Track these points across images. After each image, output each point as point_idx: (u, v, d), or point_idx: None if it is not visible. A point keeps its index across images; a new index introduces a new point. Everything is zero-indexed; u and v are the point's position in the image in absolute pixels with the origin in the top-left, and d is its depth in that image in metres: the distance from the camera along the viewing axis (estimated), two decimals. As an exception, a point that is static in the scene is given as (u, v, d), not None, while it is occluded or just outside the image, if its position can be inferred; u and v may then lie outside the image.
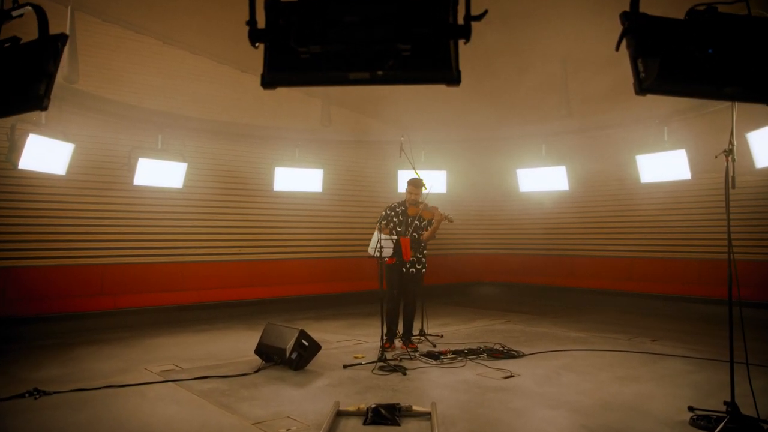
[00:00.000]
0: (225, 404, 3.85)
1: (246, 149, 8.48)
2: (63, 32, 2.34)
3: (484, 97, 7.65)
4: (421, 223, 5.64)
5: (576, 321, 7.38)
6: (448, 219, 5.54)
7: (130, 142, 7.22)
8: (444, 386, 4.25)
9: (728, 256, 3.23)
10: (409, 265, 5.57)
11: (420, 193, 5.66)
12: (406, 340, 5.56)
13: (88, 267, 6.96)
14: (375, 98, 8.00)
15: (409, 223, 5.61)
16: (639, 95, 2.15)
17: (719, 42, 1.95)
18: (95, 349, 5.64)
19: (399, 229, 5.60)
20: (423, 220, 5.64)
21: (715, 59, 1.97)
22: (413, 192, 5.64)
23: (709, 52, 1.97)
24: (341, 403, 3.76)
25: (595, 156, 8.42)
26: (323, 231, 9.05)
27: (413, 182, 5.67)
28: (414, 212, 5.63)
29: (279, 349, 4.81)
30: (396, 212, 5.71)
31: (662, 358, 5.10)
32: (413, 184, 5.66)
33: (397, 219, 5.68)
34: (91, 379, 4.46)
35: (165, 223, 7.66)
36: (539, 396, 3.99)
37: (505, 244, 10.71)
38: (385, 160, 9.18)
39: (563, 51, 6.29)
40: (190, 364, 5.03)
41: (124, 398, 4.01)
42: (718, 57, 1.97)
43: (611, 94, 6.23)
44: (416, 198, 5.65)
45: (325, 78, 1.96)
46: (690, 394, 3.95)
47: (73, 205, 6.92)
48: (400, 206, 5.74)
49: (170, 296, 7.27)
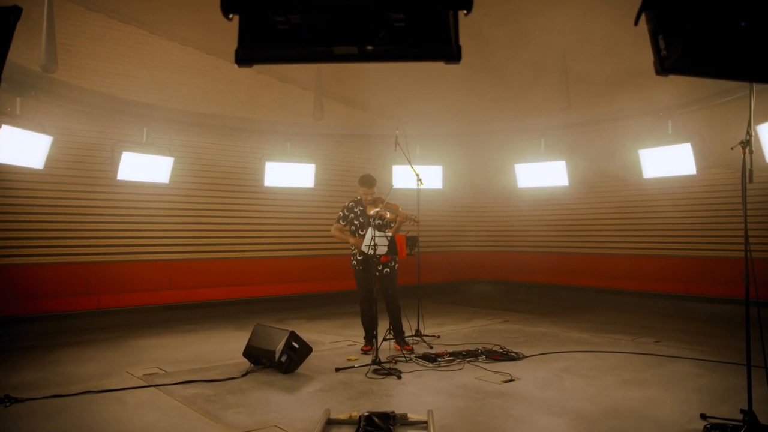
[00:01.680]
0: (209, 412, 3.63)
1: (235, 143, 8.22)
2: (16, 5, 2.09)
3: (482, 88, 7.42)
4: (384, 221, 5.24)
5: (576, 321, 7.18)
6: (413, 220, 5.04)
7: (113, 136, 6.95)
8: (441, 391, 4.04)
9: (745, 255, 3.02)
10: (382, 266, 5.28)
11: (373, 192, 5.22)
12: (400, 341, 5.33)
13: (71, 265, 6.70)
14: (369, 90, 7.75)
15: (370, 223, 5.18)
16: (660, 75, 1.92)
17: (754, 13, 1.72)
18: (77, 351, 5.40)
19: (362, 232, 5.22)
20: (383, 220, 5.22)
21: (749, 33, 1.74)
22: (367, 192, 5.19)
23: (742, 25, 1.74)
24: (332, 410, 3.55)
25: (596, 150, 8.20)
26: (316, 228, 8.80)
27: (364, 181, 5.19)
28: (373, 212, 5.18)
29: (268, 352, 4.60)
30: (354, 213, 5.33)
31: (668, 360, 4.90)
32: (365, 184, 5.17)
33: (357, 221, 5.32)
34: (69, 383, 4.23)
35: (151, 219, 7.40)
36: (541, 402, 3.78)
37: (503, 241, 10.50)
38: (380, 155, 8.94)
39: (563, 39, 6.06)
40: (175, 367, 4.80)
41: (102, 405, 3.78)
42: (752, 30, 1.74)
43: (613, 83, 6.00)
44: (371, 197, 5.22)
45: (308, 53, 1.72)
46: (701, 400, 3.75)
47: (54, 201, 6.65)
48: (357, 206, 5.34)
49: (157, 295, 7.02)
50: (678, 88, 5.80)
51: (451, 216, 10.43)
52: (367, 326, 5.37)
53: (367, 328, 5.38)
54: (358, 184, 5.27)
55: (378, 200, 5.27)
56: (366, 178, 5.25)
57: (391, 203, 5.18)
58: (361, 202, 5.34)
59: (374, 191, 5.25)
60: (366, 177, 5.25)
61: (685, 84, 5.77)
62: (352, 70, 7.58)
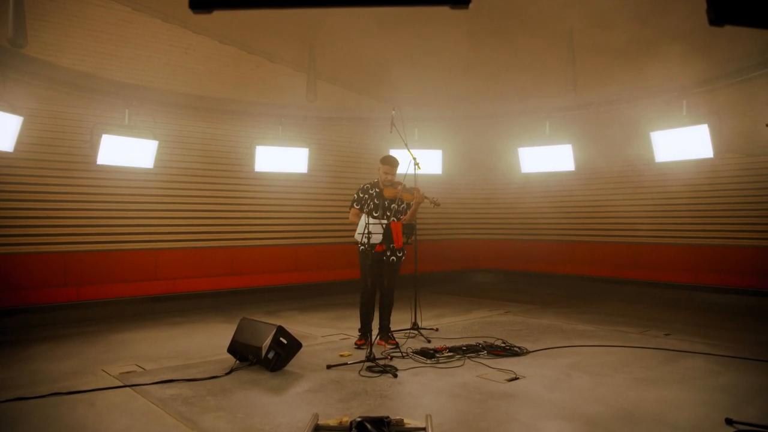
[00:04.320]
0: (186, 416, 3.30)
1: (224, 126, 7.83)
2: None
3: (483, 67, 7.03)
4: (400, 206, 5.00)
5: (581, 312, 6.88)
6: (434, 202, 4.89)
7: (92, 118, 6.55)
8: (440, 392, 3.72)
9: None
10: (390, 252, 4.98)
11: (395, 173, 5.00)
12: (384, 335, 5.02)
13: (46, 255, 6.34)
14: (365, 71, 7.35)
15: (386, 206, 4.94)
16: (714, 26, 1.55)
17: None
18: (51, 347, 5.07)
19: (376, 214, 4.93)
20: (402, 203, 5.00)
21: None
22: (388, 172, 4.95)
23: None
24: (321, 414, 3.23)
25: (604, 134, 7.82)
26: (309, 215, 8.46)
27: (387, 161, 4.99)
28: (391, 194, 4.93)
29: (254, 348, 4.29)
30: (370, 195, 5.04)
31: (681, 356, 4.60)
32: (388, 163, 4.97)
33: (372, 203, 5.02)
34: (38, 383, 3.91)
35: (135, 207, 7.03)
36: (550, 404, 3.46)
37: (504, 229, 10.17)
38: (375, 139, 8.58)
39: (570, 14, 5.65)
40: (155, 364, 4.48)
41: (69, 409, 3.45)
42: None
43: (622, 58, 5.60)
44: (392, 178, 4.99)
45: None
46: (723, 401, 3.45)
47: (26, 187, 6.26)
48: (374, 188, 5.07)
49: (141, 286, 6.67)
50: (693, 65, 5.41)
51: (451, 203, 10.07)
52: (366, 319, 5.05)
53: (366, 321, 5.06)
54: (380, 163, 5.05)
55: (397, 183, 5.03)
56: (389, 157, 5.06)
57: (409, 186, 4.99)
58: (377, 184, 5.08)
59: (395, 172, 5.03)
60: (389, 156, 5.07)
61: (701, 60, 5.39)
62: (347, 50, 7.19)
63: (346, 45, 6.92)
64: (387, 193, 4.97)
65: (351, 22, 6.06)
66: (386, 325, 5.06)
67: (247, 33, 7.37)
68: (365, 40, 6.59)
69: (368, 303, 5.01)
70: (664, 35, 5.19)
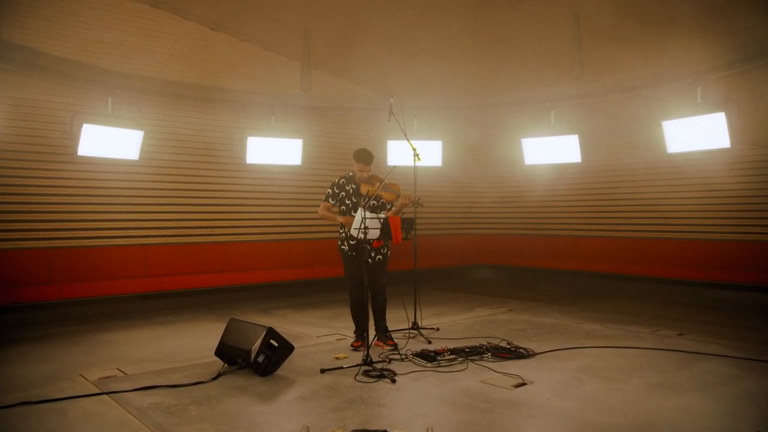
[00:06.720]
0: (164, 429, 3.02)
1: (214, 116, 7.50)
2: None
3: (485, 55, 6.70)
4: (379, 202, 4.67)
5: (587, 310, 6.61)
6: (417, 203, 4.51)
7: (72, 107, 6.23)
8: (441, 399, 3.44)
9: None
10: (374, 252, 4.67)
11: (370, 170, 4.59)
12: (382, 336, 4.74)
13: (29, 251, 6.04)
14: (362, 59, 7.02)
15: (363, 203, 4.42)
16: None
17: None
18: (29, 349, 4.80)
19: (353, 213, 4.59)
20: (380, 200, 4.66)
21: None
22: (363, 170, 4.56)
23: None
24: (313, 426, 2.96)
25: (612, 123, 7.49)
26: (303, 209, 8.15)
27: (361, 157, 4.56)
28: (369, 191, 4.51)
29: (243, 351, 4.02)
30: (346, 191, 4.69)
31: (698, 358, 4.32)
32: (362, 161, 4.55)
33: (349, 200, 4.68)
34: (8, 390, 3.64)
35: (120, 200, 6.72)
36: (561, 414, 3.18)
37: (506, 223, 9.87)
38: (373, 130, 8.27)
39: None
40: (138, 368, 4.21)
41: (38, 420, 3.17)
42: None
43: (632, 42, 5.27)
44: (366, 175, 4.59)
45: None
46: (750, 411, 3.17)
47: (6, 179, 5.95)
48: (350, 183, 4.69)
49: (128, 284, 6.38)
50: (710, 48, 5.09)
51: (451, 196, 9.79)
52: (359, 319, 4.78)
53: (359, 321, 4.78)
54: (353, 159, 4.62)
55: (374, 178, 4.64)
56: (362, 152, 4.60)
57: (390, 183, 4.57)
58: (353, 179, 4.71)
59: (370, 169, 4.62)
60: (362, 151, 4.61)
61: (717, 44, 5.06)
62: (344, 38, 6.87)
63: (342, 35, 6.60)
64: (363, 190, 4.59)
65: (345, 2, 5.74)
66: (383, 325, 4.78)
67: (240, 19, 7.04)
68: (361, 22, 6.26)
69: (358, 302, 4.72)
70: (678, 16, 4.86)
